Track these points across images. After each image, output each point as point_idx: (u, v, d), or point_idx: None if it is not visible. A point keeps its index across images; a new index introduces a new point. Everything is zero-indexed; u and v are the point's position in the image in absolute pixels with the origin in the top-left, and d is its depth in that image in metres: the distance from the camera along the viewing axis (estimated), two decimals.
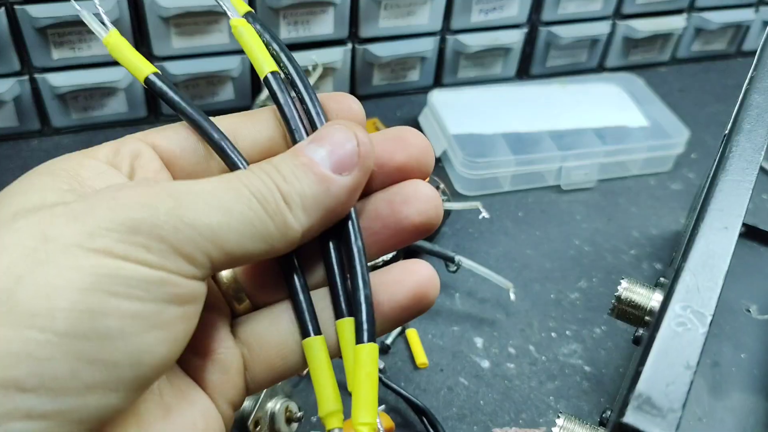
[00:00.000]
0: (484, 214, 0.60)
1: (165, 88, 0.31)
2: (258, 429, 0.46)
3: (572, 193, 0.72)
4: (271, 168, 0.27)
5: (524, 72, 0.87)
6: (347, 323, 0.29)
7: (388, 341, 0.55)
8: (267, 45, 0.33)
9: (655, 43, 0.90)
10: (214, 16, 0.69)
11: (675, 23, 0.87)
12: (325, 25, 0.74)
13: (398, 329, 0.56)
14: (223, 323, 0.30)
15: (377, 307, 0.30)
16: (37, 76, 0.69)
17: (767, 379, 0.55)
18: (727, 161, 0.37)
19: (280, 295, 0.31)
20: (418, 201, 0.30)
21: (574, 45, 0.85)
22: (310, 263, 0.31)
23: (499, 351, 0.57)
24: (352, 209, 0.29)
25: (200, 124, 0.30)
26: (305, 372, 0.53)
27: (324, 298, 0.31)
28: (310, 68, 0.74)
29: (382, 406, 0.52)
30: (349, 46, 0.77)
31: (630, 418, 0.25)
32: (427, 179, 0.31)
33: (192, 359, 0.29)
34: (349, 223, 0.29)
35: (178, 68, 0.71)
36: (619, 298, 0.45)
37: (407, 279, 0.30)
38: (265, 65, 0.32)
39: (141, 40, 0.70)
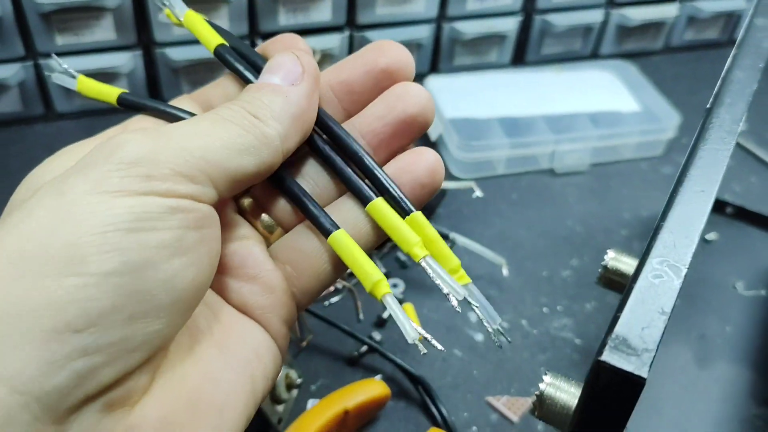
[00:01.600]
0: (478, 192, 0.62)
1: None
2: None
3: (565, 176, 0.74)
4: (234, 99, 0.30)
5: (519, 59, 0.88)
6: (379, 203, 0.32)
7: (385, 315, 0.57)
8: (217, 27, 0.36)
9: (649, 31, 0.91)
10: (214, 3, 0.71)
11: (667, 11, 0.89)
12: (323, 12, 0.76)
13: None
14: (259, 249, 0.32)
15: (402, 186, 0.32)
16: (41, 61, 0.70)
17: (751, 350, 0.57)
18: (707, 131, 0.38)
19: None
20: (409, 95, 0.33)
21: (569, 33, 0.87)
22: (309, 181, 0.34)
23: None
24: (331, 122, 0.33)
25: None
26: (304, 343, 0.55)
27: (332, 213, 0.33)
28: None
29: (379, 375, 0.54)
30: (347, 32, 0.78)
31: (607, 356, 0.27)
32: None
33: (237, 288, 0.32)
34: (335, 129, 0.33)
35: (179, 54, 0.73)
36: (606, 267, 0.47)
37: (421, 160, 0.33)
38: (213, 40, 0.35)
39: (143, 28, 0.72)
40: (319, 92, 0.32)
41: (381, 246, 0.62)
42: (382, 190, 0.32)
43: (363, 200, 0.32)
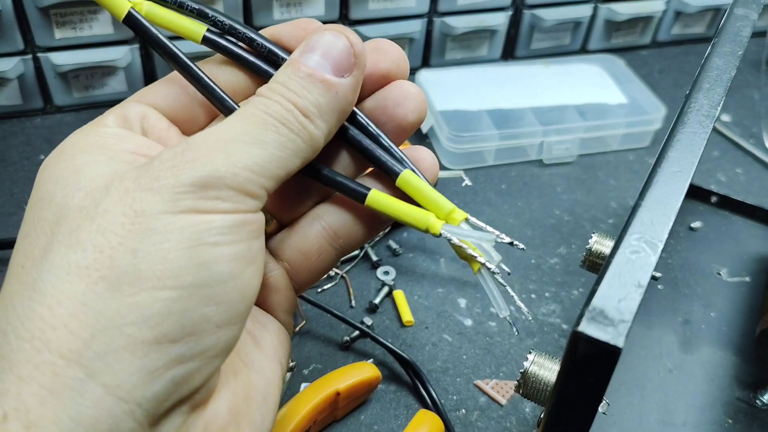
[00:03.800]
0: (467, 181, 0.63)
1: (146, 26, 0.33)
2: None
3: (553, 166, 0.75)
4: (280, 88, 0.30)
5: (509, 54, 0.90)
6: (407, 175, 0.33)
7: (377, 301, 0.58)
8: (182, 7, 0.34)
9: (636, 26, 0.93)
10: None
11: (655, 6, 0.90)
12: (316, 7, 0.77)
13: (386, 290, 0.59)
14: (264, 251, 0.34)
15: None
16: (40, 55, 0.71)
17: (734, 335, 0.58)
18: (686, 116, 0.40)
19: (303, 209, 0.35)
20: (408, 101, 0.34)
21: (558, 27, 0.88)
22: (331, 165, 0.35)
23: (481, 310, 0.60)
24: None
25: (193, 73, 0.33)
26: (297, 329, 0.56)
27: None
28: None
29: (371, 360, 0.55)
30: None
31: (584, 327, 0.28)
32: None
33: None
34: (360, 118, 0.34)
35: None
36: (589, 250, 0.48)
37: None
38: (194, 26, 0.34)
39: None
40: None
41: None
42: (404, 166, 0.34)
43: (391, 174, 0.34)
